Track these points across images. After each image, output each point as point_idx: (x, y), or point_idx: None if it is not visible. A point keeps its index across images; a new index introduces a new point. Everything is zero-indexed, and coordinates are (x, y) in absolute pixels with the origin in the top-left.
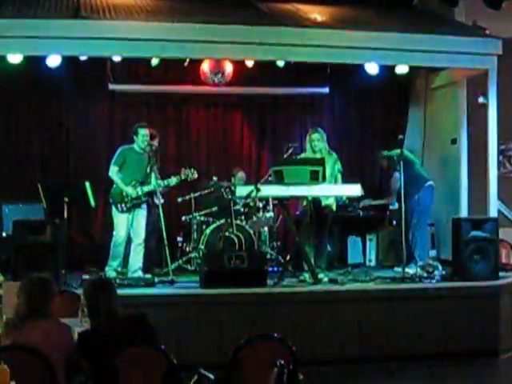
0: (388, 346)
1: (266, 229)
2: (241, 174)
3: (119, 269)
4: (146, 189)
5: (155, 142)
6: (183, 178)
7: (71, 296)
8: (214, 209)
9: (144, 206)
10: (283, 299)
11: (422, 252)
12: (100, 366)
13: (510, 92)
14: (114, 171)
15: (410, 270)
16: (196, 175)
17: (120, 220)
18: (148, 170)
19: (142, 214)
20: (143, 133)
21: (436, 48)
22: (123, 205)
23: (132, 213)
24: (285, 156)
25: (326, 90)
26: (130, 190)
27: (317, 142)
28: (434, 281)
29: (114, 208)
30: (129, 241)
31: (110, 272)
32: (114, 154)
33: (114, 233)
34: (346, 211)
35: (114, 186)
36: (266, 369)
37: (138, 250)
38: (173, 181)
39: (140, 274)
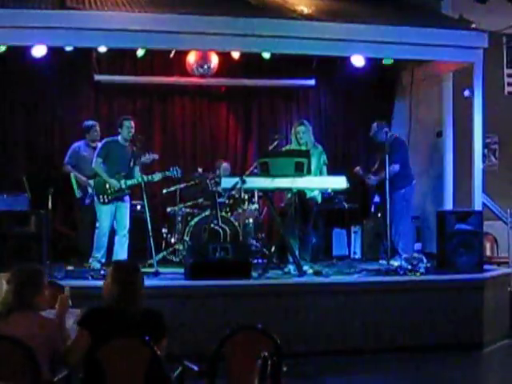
0: (372, 338)
1: (250, 221)
2: (225, 165)
3: (103, 260)
4: (130, 182)
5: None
6: (168, 175)
7: (55, 287)
8: (199, 200)
9: (127, 198)
10: (268, 291)
11: (405, 245)
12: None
13: (496, 85)
14: (97, 163)
15: (395, 263)
16: (180, 175)
17: (103, 211)
18: (132, 164)
19: (125, 206)
20: (128, 125)
21: (422, 41)
22: (105, 196)
23: (115, 204)
24: (270, 148)
25: (312, 82)
26: (114, 182)
27: (302, 135)
28: (418, 273)
29: (96, 199)
30: (113, 232)
31: (95, 263)
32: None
33: (97, 224)
34: (330, 203)
35: (98, 177)
36: (250, 360)
37: (122, 241)
38: (157, 176)
39: None
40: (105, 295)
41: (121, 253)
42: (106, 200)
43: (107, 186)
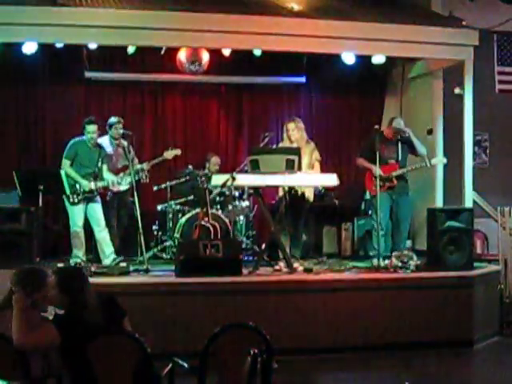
0: (362, 335)
1: (241, 218)
2: (215, 159)
3: (84, 258)
4: (101, 184)
5: (124, 142)
6: (166, 156)
7: None
8: (190, 197)
9: (97, 198)
10: (258, 288)
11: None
12: (72, 354)
13: (487, 83)
14: (66, 164)
15: (386, 260)
16: (146, 179)
17: (75, 211)
18: (99, 164)
19: (96, 202)
20: (90, 129)
21: (412, 38)
22: (74, 196)
23: (85, 204)
24: (261, 145)
25: (303, 79)
26: (84, 183)
27: (292, 132)
28: (408, 271)
29: (65, 200)
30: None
31: (78, 262)
32: None
33: (71, 223)
34: (321, 201)
35: (67, 178)
36: (240, 357)
37: (102, 236)
38: (125, 180)
39: (114, 256)
40: (54, 304)
41: (106, 248)
42: (76, 200)
43: (77, 186)
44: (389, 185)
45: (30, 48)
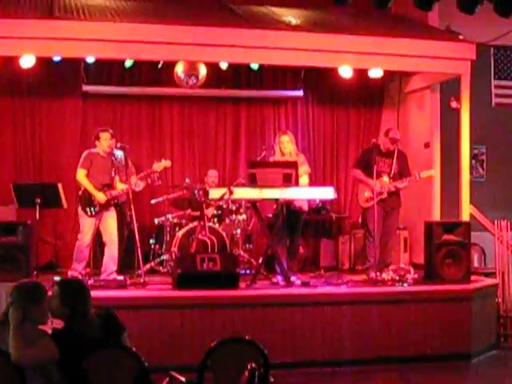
0: (359, 348)
1: (238, 231)
2: (213, 172)
3: (83, 271)
4: (115, 193)
5: (119, 152)
6: (155, 168)
7: None
8: (187, 211)
9: (112, 212)
10: (255, 302)
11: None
12: (70, 368)
13: (483, 96)
14: (81, 174)
15: (383, 274)
16: (169, 162)
17: (87, 224)
18: (113, 173)
19: (110, 216)
20: (105, 137)
21: (409, 52)
22: (92, 208)
23: (99, 218)
24: (258, 159)
25: (300, 92)
26: (100, 196)
27: (286, 144)
28: (405, 284)
29: (81, 212)
30: (95, 244)
31: (75, 275)
32: None
33: (79, 236)
34: (318, 214)
35: (83, 189)
36: (237, 371)
37: (112, 254)
38: (139, 185)
39: (115, 276)
40: (54, 316)
41: (110, 264)
42: (94, 212)
43: (92, 198)
44: (380, 198)
45: (27, 61)
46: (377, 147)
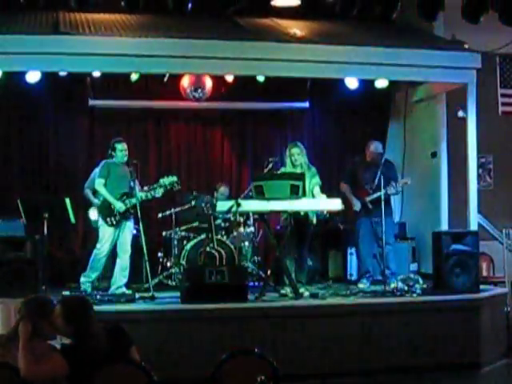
0: (369, 359)
1: (246, 243)
2: (223, 189)
3: (96, 282)
4: (134, 201)
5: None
6: (167, 184)
7: None
8: (195, 224)
9: (131, 218)
10: (264, 314)
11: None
12: (80, 383)
13: (490, 105)
14: (100, 184)
15: (392, 284)
16: (179, 186)
17: (107, 233)
18: (132, 183)
19: (128, 227)
20: (121, 147)
21: (415, 62)
22: (112, 218)
23: (119, 227)
24: (265, 171)
25: (306, 104)
26: (118, 205)
27: (297, 156)
28: (414, 294)
29: (102, 221)
30: (110, 255)
31: (86, 284)
32: (93, 169)
33: (98, 245)
34: (326, 225)
35: (102, 199)
36: None
37: (124, 266)
38: (158, 192)
39: (124, 290)
40: (59, 334)
41: (122, 277)
42: (114, 222)
43: (112, 206)
44: (365, 210)
45: (33, 77)
46: (361, 158)
